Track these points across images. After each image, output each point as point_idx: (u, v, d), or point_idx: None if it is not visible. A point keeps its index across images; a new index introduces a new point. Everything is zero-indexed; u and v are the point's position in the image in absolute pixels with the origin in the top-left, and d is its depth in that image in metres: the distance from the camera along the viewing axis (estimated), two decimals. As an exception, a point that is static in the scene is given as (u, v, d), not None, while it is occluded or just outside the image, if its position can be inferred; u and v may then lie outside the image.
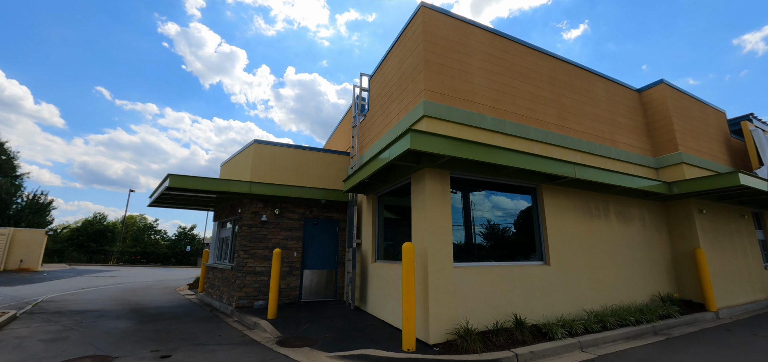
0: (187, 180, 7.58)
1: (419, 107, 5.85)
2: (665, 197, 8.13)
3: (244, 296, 8.20)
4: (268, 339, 5.72)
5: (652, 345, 5.40)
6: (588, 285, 6.62)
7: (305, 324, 6.53)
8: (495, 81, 6.73)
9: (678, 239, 8.15)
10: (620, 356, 4.90)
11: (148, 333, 6.05)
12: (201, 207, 11.76)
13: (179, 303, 9.73)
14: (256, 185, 8.23)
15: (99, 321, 7.08)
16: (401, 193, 7.01)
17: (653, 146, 8.92)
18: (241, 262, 8.34)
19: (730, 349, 5.18)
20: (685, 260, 7.94)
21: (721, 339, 5.76)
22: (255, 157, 9.12)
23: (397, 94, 7.00)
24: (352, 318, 6.90)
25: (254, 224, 8.63)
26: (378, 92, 8.31)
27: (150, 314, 7.99)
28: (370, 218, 7.79)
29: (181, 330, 6.39)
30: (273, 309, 6.87)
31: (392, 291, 6.32)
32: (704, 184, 7.15)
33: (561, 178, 6.35)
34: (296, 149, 9.79)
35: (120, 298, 10.59)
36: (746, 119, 9.77)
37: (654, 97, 9.04)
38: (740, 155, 10.07)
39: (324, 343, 5.36)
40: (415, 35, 6.36)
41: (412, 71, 6.36)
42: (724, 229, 8.52)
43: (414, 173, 5.86)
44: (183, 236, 32.79)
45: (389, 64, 7.71)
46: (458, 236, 5.89)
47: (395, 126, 6.83)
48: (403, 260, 4.97)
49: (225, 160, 11.65)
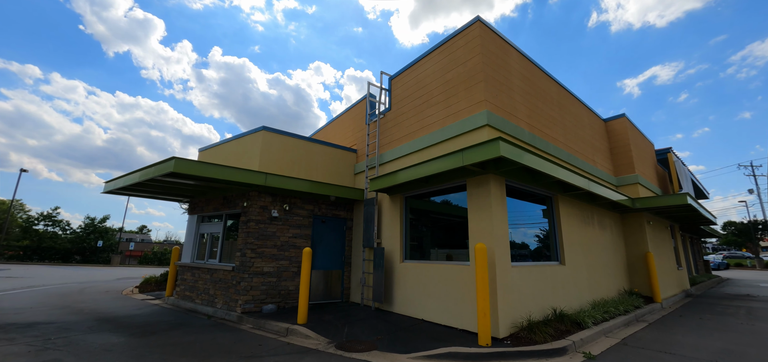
0: (196, 166, 6.51)
1: (480, 117, 6.15)
2: (627, 210, 9.95)
3: (250, 299, 7.38)
4: (320, 345, 5.33)
5: (645, 329, 6.62)
6: (586, 281, 7.76)
7: (344, 327, 6.23)
8: (527, 99, 7.43)
9: (632, 244, 10.05)
10: (634, 338, 5.91)
11: (165, 349, 5.06)
12: (170, 197, 10.08)
13: (151, 310, 8.22)
14: (272, 177, 7.49)
15: (74, 336, 5.63)
16: (432, 195, 7.20)
17: (615, 168, 10.84)
18: (246, 262, 7.47)
19: (698, 329, 6.66)
20: (637, 262, 9.83)
21: (683, 322, 7.35)
22: (264, 146, 8.27)
23: (440, 99, 7.18)
24: (383, 318, 6.81)
25: (262, 220, 7.83)
26: (405, 94, 8.34)
27: (131, 324, 6.63)
28: (396, 219, 7.77)
29: (200, 342, 5.50)
30: (304, 313, 6.37)
31: (434, 290, 6.46)
32: (660, 201, 9.02)
33: (576, 190, 7.34)
34: (305, 141, 9.17)
35: (62, 305, 8.48)
36: (668, 151, 12.55)
37: (616, 127, 10.99)
38: (662, 180, 12.88)
39: (385, 345, 5.24)
40: (470, 47, 6.65)
41: (465, 80, 6.63)
42: (659, 238, 10.81)
43: (472, 178, 6.12)
44: (92, 229, 26.77)
45: (424, 68, 7.83)
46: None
47: (439, 131, 7.00)
48: (477, 260, 5.19)
49: (207, 146, 10.22)
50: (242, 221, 7.86)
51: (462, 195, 6.70)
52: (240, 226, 7.90)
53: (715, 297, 11.40)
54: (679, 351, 5.21)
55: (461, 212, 6.72)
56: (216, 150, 9.71)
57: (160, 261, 28.56)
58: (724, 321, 7.38)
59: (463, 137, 6.46)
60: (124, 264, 26.93)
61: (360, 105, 10.32)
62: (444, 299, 6.24)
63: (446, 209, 7.20)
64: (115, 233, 27.77)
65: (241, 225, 7.87)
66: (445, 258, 6.89)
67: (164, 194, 9.57)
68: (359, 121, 10.22)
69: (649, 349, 5.28)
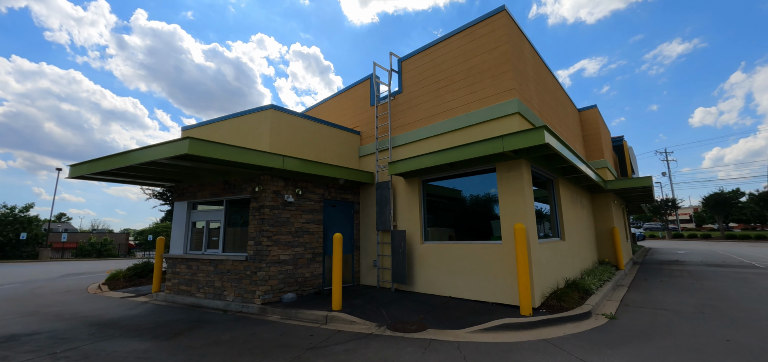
0: (215, 149, 5.87)
1: (511, 104, 6.46)
2: (598, 191, 11.32)
3: (269, 290, 7.03)
4: (372, 329, 5.35)
5: (629, 292, 7.75)
6: (578, 254, 8.78)
7: (379, 310, 6.30)
8: (538, 89, 7.96)
9: (600, 221, 11.52)
10: (628, 299, 6.94)
11: (213, 349, 4.69)
12: (151, 182, 8.93)
13: (147, 309, 7.40)
14: (289, 159, 7.06)
15: (84, 346, 4.91)
16: (448, 178, 7.48)
17: (587, 153, 12.18)
18: (262, 250, 7.06)
19: (668, 290, 7.97)
20: (604, 236, 11.33)
21: (651, 285, 8.70)
22: (273, 125, 7.71)
23: (463, 85, 7.35)
24: (409, 299, 7.00)
25: (276, 205, 7.40)
26: (419, 77, 8.35)
27: (138, 326, 5.94)
28: (415, 202, 7.91)
29: (242, 338, 5.18)
30: (338, 300, 6.27)
31: (461, 269, 6.81)
32: (629, 183, 10.43)
33: (574, 173, 8.16)
34: (312, 122, 8.73)
35: (27, 311, 7.25)
36: (622, 139, 14.43)
37: (589, 116, 12.29)
38: (615, 164, 14.81)
39: (433, 323, 5.44)
40: (497, 35, 6.87)
41: (492, 68, 6.86)
42: (618, 215, 12.53)
43: (502, 162, 6.46)
44: (11, 219, 21.97)
45: (442, 53, 7.90)
46: (525, 219, 6.87)
47: (464, 116, 7.19)
48: (517, 239, 5.61)
49: (193, 125, 9.17)
50: (253, 208, 7.33)
51: (481, 178, 7.05)
52: (251, 213, 7.36)
53: (654, 263, 13.64)
54: (670, 306, 6.27)
55: (479, 194, 7.09)
56: (208, 129, 8.77)
57: (99, 253, 24.96)
58: (681, 282, 8.94)
59: (492, 123, 6.74)
60: (56, 259, 22.98)
61: (362, 86, 10.06)
62: (473, 276, 6.61)
63: (461, 192, 7.51)
64: (40, 223, 23.44)
65: (252, 212, 7.34)
66: (462, 238, 7.24)
67: (146, 179, 8.46)
68: (361, 102, 9.98)
69: (647, 308, 6.25)
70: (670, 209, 33.93)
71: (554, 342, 4.59)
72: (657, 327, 5.10)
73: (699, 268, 11.49)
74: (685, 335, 4.75)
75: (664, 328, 5.06)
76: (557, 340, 4.66)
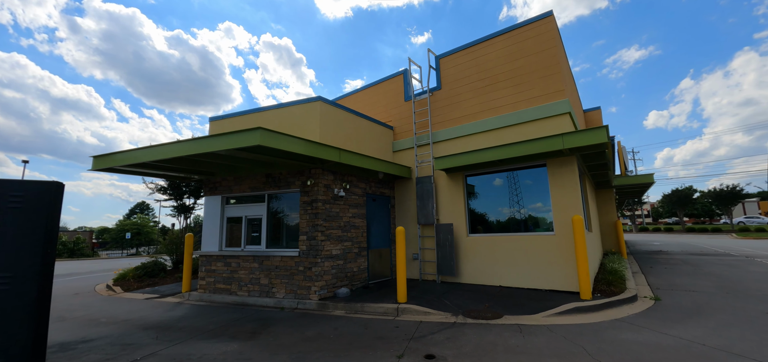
0: (287, 141, 5.74)
1: (562, 104, 6.90)
2: (604, 186, 12.24)
3: (324, 285, 6.98)
4: (449, 318, 5.54)
5: (650, 277, 8.51)
6: (597, 244, 9.50)
7: (441, 300, 6.50)
8: (570, 89, 8.48)
9: (604, 213, 12.49)
10: (654, 286, 7.64)
11: (313, 345, 4.66)
12: (182, 175, 8.44)
13: (188, 310, 7.09)
14: (345, 153, 7.02)
15: (162, 350, 4.67)
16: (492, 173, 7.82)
17: (591, 152, 13.11)
18: (317, 246, 6.98)
19: (679, 275, 8.82)
20: (608, 227, 12.29)
21: (661, 270, 9.59)
22: (323, 118, 7.60)
23: (508, 84, 7.69)
24: (460, 289, 7.27)
25: (327, 199, 7.33)
26: (460, 75, 8.59)
27: (193, 327, 5.72)
28: (459, 196, 8.17)
29: (330, 334, 5.19)
30: (403, 292, 6.37)
31: (510, 259, 7.18)
32: (631, 180, 11.39)
33: (604, 170, 8.81)
34: (353, 115, 8.69)
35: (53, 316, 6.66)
36: (614, 138, 15.61)
37: (593, 116, 13.20)
38: (608, 161, 16.01)
39: (502, 310, 5.73)
40: (545, 39, 7.27)
41: (540, 69, 7.26)
42: (614, 207, 13.62)
43: (553, 158, 6.88)
44: None
45: (485, 53, 8.18)
46: (568, 212, 7.36)
47: (512, 114, 7.54)
48: (575, 230, 6.05)
49: (224, 114, 8.77)
50: (304, 202, 7.21)
51: (528, 173, 7.44)
52: (302, 207, 7.23)
53: (642, 253, 14.88)
54: (695, 288, 7.02)
55: (521, 187, 7.48)
56: (245, 119, 8.43)
57: (71, 253, 22.77)
58: (683, 269, 9.90)
59: (541, 122, 7.14)
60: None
61: (393, 80, 10.13)
62: (525, 266, 6.99)
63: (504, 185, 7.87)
64: None
65: (303, 206, 7.21)
66: (500, 230, 7.61)
67: (177, 172, 8.00)
68: (393, 97, 10.05)
69: (677, 290, 6.96)
70: (637, 205, 37.17)
71: (629, 321, 5.04)
72: (701, 306, 5.73)
73: (686, 257, 12.80)
74: (729, 310, 5.39)
75: (707, 306, 5.70)
76: (629, 319, 5.12)
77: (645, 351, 3.91)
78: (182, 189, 13.42)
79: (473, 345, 4.31)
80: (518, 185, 7.67)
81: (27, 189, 2.89)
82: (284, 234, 7.62)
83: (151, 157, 6.30)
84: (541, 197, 7.18)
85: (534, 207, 7.33)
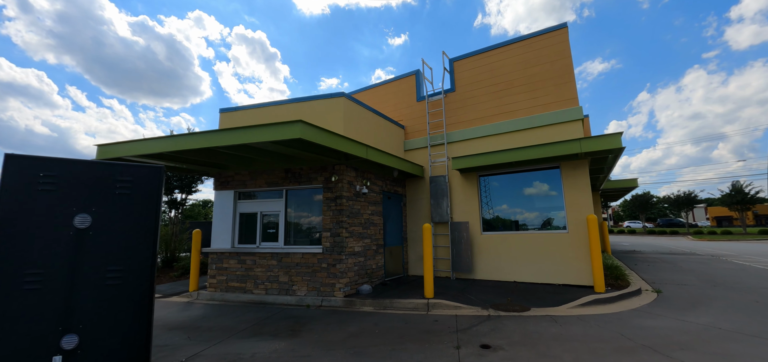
0: (325, 136, 5.70)
1: (575, 111, 7.39)
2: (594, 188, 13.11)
3: (348, 282, 6.99)
4: (480, 312, 5.76)
5: (640, 273, 9.29)
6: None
7: (464, 294, 6.72)
8: (575, 98, 9.06)
9: (591, 215, 13.35)
10: (649, 281, 8.37)
11: (355, 346, 4.69)
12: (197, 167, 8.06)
13: (209, 310, 6.84)
14: (372, 150, 7.07)
15: (203, 351, 4.52)
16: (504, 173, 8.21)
17: (579, 157, 13.99)
18: (341, 242, 6.98)
19: (664, 271, 9.68)
20: (595, 228, 13.17)
21: (647, 267, 10.48)
22: (346, 114, 7.60)
23: (524, 90, 8.10)
24: (477, 285, 7.55)
25: (350, 196, 7.35)
26: (475, 78, 8.91)
27: (234, 328, 5.58)
28: (473, 194, 8.46)
29: (372, 331, 5.24)
30: (430, 287, 6.52)
31: (524, 256, 7.57)
32: (618, 184, 12.30)
33: (603, 174, 9.48)
34: (371, 112, 8.74)
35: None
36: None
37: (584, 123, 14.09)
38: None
39: (526, 303, 6.05)
40: (559, 48, 7.74)
41: (554, 77, 7.72)
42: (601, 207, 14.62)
43: (567, 161, 7.34)
44: None
45: (500, 58, 8.56)
46: (577, 211, 7.87)
47: (527, 118, 7.94)
48: (590, 227, 6.52)
49: (238, 106, 8.49)
50: (328, 198, 7.17)
51: (540, 174, 7.88)
52: (325, 203, 7.18)
53: (617, 253, 16.09)
54: (685, 282, 7.76)
55: (534, 187, 7.92)
56: (259, 113, 8.22)
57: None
58: (664, 266, 10.86)
59: (555, 127, 7.60)
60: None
61: (405, 80, 10.28)
62: (540, 262, 7.39)
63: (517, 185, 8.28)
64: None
65: (326, 202, 7.17)
66: (517, 228, 8.02)
67: (190, 163, 7.63)
68: (405, 96, 10.20)
69: (670, 284, 7.66)
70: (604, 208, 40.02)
71: (645, 310, 5.52)
72: (698, 297, 6.37)
73: (660, 256, 13.99)
74: (724, 300, 6.05)
75: (704, 297, 6.35)
76: (644, 309, 5.60)
77: (674, 335, 4.33)
78: (173, 184, 12.74)
79: (520, 334, 4.54)
80: (531, 186, 8.08)
81: (135, 174, 2.70)
82: (302, 231, 7.51)
83: (171, 147, 6.00)
84: (554, 197, 7.63)
85: (546, 206, 7.76)
